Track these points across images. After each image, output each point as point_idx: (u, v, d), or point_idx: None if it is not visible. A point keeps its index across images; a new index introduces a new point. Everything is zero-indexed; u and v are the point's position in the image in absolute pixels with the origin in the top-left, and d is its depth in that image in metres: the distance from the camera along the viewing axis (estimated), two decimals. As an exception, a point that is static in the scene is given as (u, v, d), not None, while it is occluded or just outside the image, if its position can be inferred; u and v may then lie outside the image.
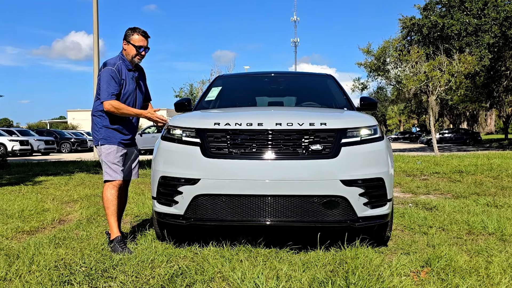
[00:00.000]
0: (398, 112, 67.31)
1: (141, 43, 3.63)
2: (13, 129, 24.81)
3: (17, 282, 2.72)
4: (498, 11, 19.58)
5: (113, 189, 3.51)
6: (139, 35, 3.63)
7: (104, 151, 3.53)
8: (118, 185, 3.54)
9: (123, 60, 3.64)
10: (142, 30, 3.67)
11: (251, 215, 3.17)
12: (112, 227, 3.48)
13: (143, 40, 3.64)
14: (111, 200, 3.48)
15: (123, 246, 3.37)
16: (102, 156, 3.54)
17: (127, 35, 3.65)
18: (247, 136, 3.26)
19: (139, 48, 3.62)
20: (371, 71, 21.61)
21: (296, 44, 62.57)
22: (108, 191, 3.50)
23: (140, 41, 3.63)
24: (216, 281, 2.73)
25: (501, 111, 37.12)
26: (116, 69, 3.54)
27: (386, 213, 3.31)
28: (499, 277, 2.73)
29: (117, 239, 3.41)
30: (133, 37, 3.63)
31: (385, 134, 3.98)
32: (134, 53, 3.62)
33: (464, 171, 9.31)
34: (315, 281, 2.66)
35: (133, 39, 3.62)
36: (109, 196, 3.49)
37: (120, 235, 3.46)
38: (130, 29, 3.67)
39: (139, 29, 3.67)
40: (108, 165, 3.52)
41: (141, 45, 3.63)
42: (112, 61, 3.60)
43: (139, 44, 3.62)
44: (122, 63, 3.62)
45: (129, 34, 3.64)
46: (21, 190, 7.21)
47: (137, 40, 3.62)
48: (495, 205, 5.42)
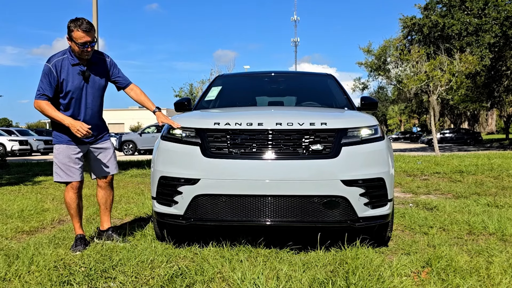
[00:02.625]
0: (398, 112, 67.27)
1: (84, 39, 3.25)
2: (13, 129, 24.80)
3: (17, 282, 2.72)
4: (499, 10, 19.56)
5: (71, 191, 3.48)
6: (80, 30, 3.23)
7: (54, 151, 3.47)
8: (75, 187, 3.48)
9: (69, 54, 3.36)
10: (85, 24, 3.24)
11: (251, 215, 3.16)
12: (74, 225, 3.59)
13: (85, 36, 3.24)
14: (70, 204, 3.51)
15: (77, 244, 3.46)
16: (54, 156, 3.48)
17: (68, 30, 3.27)
18: (247, 136, 3.25)
19: (83, 44, 3.27)
20: (372, 70, 21.60)
21: (296, 43, 62.40)
22: (67, 194, 3.50)
23: (82, 38, 3.24)
24: (216, 281, 2.72)
25: (502, 111, 37.07)
26: (53, 66, 3.29)
27: (386, 213, 3.30)
28: (499, 277, 2.72)
29: (76, 237, 3.54)
30: (74, 34, 3.24)
31: (386, 134, 3.97)
32: (78, 50, 3.30)
33: (464, 171, 9.30)
34: (315, 281, 2.65)
35: (75, 35, 3.24)
36: (68, 200, 3.50)
37: (81, 233, 3.56)
38: (72, 21, 3.26)
39: (80, 23, 3.24)
40: (57, 165, 3.43)
41: (84, 41, 3.26)
42: (54, 57, 3.36)
43: (82, 41, 3.25)
44: (66, 59, 3.35)
45: (70, 29, 3.25)
46: (21, 190, 7.20)
47: (79, 37, 3.24)
48: (496, 205, 5.41)
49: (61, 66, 3.34)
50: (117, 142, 23.39)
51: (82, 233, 3.58)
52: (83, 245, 3.47)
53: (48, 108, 3.31)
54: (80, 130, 3.28)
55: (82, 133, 3.29)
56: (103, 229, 3.73)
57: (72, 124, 3.30)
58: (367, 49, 21.07)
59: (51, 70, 3.29)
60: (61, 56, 3.37)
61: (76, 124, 3.30)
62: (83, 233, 3.59)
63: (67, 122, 3.30)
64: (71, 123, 3.30)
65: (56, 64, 3.32)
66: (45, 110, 3.32)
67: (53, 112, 3.31)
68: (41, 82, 3.31)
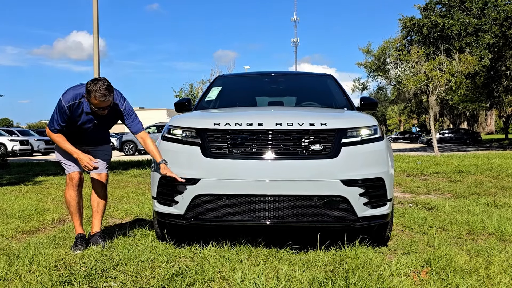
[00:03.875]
0: (398, 112, 67.25)
1: (100, 105, 3.27)
2: (13, 129, 24.78)
3: (17, 282, 2.72)
4: (498, 11, 19.57)
5: (71, 189, 3.54)
6: (97, 100, 3.21)
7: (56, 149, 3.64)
8: (75, 183, 3.54)
9: (85, 100, 3.35)
10: (102, 92, 3.17)
11: (251, 215, 3.17)
12: (74, 224, 3.63)
13: (101, 103, 3.24)
14: (69, 201, 3.56)
15: (77, 243, 3.47)
16: (56, 155, 3.63)
17: (86, 90, 3.24)
18: (247, 136, 3.25)
19: (98, 108, 3.30)
20: (371, 71, 21.64)
21: (296, 44, 62.50)
22: (67, 192, 3.56)
23: (98, 104, 3.25)
24: (216, 281, 2.73)
25: (501, 111, 37.10)
26: (68, 107, 3.31)
27: (386, 213, 3.31)
28: (499, 277, 2.73)
29: (76, 236, 3.56)
30: (92, 99, 3.24)
31: (385, 134, 3.98)
32: (93, 110, 3.33)
33: (464, 171, 9.31)
34: (315, 281, 2.66)
35: (92, 101, 3.26)
36: (68, 198, 3.56)
37: (81, 232, 3.58)
38: (90, 84, 3.21)
39: (99, 90, 3.17)
40: (62, 161, 3.58)
41: (100, 106, 3.28)
42: (71, 96, 3.33)
43: (98, 106, 3.26)
44: (82, 103, 3.36)
45: (89, 91, 3.22)
46: (21, 190, 7.21)
47: (95, 104, 3.25)
48: (495, 205, 5.42)
49: (75, 108, 3.38)
50: (118, 142, 23.38)
51: (82, 232, 3.58)
52: (84, 244, 3.47)
53: (60, 140, 3.45)
54: (87, 166, 3.41)
55: (89, 168, 3.42)
56: (92, 233, 3.67)
57: (81, 158, 3.42)
58: (367, 50, 21.10)
59: (65, 109, 3.35)
60: (78, 98, 3.36)
61: (85, 158, 3.40)
62: (83, 232, 3.59)
63: (76, 156, 3.44)
64: (80, 158, 3.42)
65: (71, 106, 3.36)
66: (56, 141, 3.47)
67: (64, 144, 3.45)
68: (55, 115, 3.39)
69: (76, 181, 3.54)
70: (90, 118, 3.46)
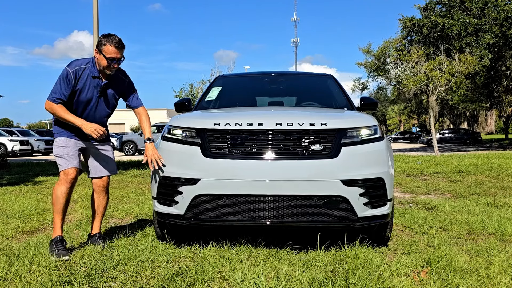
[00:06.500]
0: (398, 112, 67.29)
1: (114, 55, 3.29)
2: (13, 129, 24.80)
3: (17, 282, 2.72)
4: (498, 11, 19.58)
5: (64, 184, 3.31)
6: (112, 45, 3.27)
7: (55, 144, 3.43)
8: (70, 180, 3.32)
9: (92, 65, 3.35)
10: (116, 40, 3.29)
11: (251, 215, 3.17)
12: (55, 225, 3.34)
13: (116, 52, 3.29)
14: (58, 198, 3.31)
15: (60, 248, 3.21)
16: (54, 149, 3.43)
17: (99, 43, 3.30)
18: (247, 136, 3.25)
19: (111, 60, 3.29)
20: (371, 71, 21.66)
21: (296, 44, 62.62)
22: (58, 188, 3.32)
23: (113, 53, 3.28)
24: (216, 281, 2.73)
25: (502, 111, 37.09)
26: (72, 72, 3.27)
27: (386, 213, 3.31)
28: (499, 277, 2.73)
29: (56, 239, 3.28)
30: (106, 48, 3.27)
31: (385, 134, 3.97)
32: (104, 64, 3.31)
33: (464, 171, 9.31)
34: (315, 281, 2.66)
35: (105, 49, 3.27)
36: (58, 194, 3.31)
37: (61, 235, 3.32)
38: (104, 36, 3.31)
39: (113, 38, 3.29)
40: (59, 156, 3.36)
41: (114, 57, 3.29)
42: (76, 63, 3.34)
43: (111, 56, 3.28)
44: (88, 69, 3.34)
45: (102, 43, 3.29)
46: (21, 190, 7.21)
47: (109, 52, 3.27)
48: (496, 205, 5.42)
49: (81, 74, 3.31)
50: (118, 142, 23.39)
51: (62, 235, 3.35)
52: (65, 248, 3.27)
53: (60, 111, 3.28)
54: (97, 130, 3.26)
55: (99, 133, 3.26)
56: (92, 234, 3.64)
57: (86, 124, 3.27)
58: (367, 50, 21.13)
59: (70, 76, 3.26)
60: (83, 64, 3.34)
61: (90, 126, 3.26)
62: (62, 235, 3.36)
63: (79, 123, 3.27)
64: (84, 126, 3.27)
65: (77, 72, 3.30)
66: (57, 112, 3.28)
67: (65, 115, 3.28)
68: (58, 85, 3.27)
69: (71, 178, 3.33)
70: (93, 89, 3.35)
